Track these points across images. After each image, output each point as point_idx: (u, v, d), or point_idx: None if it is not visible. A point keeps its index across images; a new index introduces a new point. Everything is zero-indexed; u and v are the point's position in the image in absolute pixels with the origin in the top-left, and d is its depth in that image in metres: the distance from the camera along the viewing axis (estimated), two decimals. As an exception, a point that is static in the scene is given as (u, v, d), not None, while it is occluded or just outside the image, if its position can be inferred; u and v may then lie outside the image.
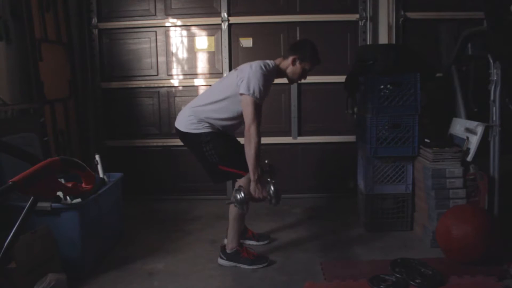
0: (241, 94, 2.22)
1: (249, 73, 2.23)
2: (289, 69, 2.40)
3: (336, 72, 3.43)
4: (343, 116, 3.25)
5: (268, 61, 2.34)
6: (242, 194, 2.13)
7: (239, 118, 2.33)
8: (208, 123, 2.32)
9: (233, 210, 2.34)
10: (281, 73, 2.41)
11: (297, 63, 2.37)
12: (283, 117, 3.64)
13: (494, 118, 2.45)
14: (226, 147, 2.34)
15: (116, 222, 2.72)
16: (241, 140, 2.46)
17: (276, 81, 2.45)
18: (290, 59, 2.37)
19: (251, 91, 2.19)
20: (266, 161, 2.45)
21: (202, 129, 2.32)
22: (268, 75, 2.27)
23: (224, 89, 2.33)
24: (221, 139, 2.34)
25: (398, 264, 2.16)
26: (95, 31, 3.63)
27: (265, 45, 3.60)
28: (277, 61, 2.41)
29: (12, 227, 1.07)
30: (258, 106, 2.24)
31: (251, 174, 2.20)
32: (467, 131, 2.61)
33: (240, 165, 2.30)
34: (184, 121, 2.35)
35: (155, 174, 3.71)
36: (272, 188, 2.19)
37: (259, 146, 2.20)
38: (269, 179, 2.26)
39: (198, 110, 2.33)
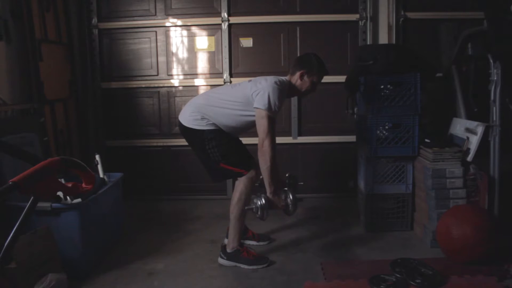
0: (256, 108, 2.23)
1: (264, 87, 2.24)
2: (298, 84, 2.41)
3: (336, 72, 3.42)
4: (343, 116, 3.26)
5: (282, 77, 2.38)
6: (263, 201, 2.21)
7: (243, 126, 2.37)
8: (211, 121, 2.33)
9: (234, 210, 2.34)
10: (292, 89, 2.42)
11: (305, 77, 2.39)
12: (283, 117, 3.63)
13: (494, 118, 2.45)
14: (229, 145, 2.34)
15: (116, 222, 2.72)
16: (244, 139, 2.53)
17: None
18: (298, 74, 2.39)
19: (266, 106, 2.20)
20: (287, 174, 2.57)
21: (205, 126, 2.32)
22: (283, 90, 2.29)
23: (235, 96, 2.32)
24: (224, 137, 2.34)
25: (398, 264, 2.16)
26: (95, 31, 3.63)
27: (265, 45, 3.60)
28: (287, 77, 2.43)
29: (12, 227, 1.07)
30: (272, 120, 2.23)
31: (267, 187, 2.24)
32: (467, 131, 2.61)
33: (242, 163, 2.31)
34: (188, 116, 2.35)
35: (155, 174, 3.71)
36: (290, 197, 2.27)
37: (274, 160, 2.23)
38: (286, 189, 2.34)
39: (203, 108, 2.33)
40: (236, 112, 2.31)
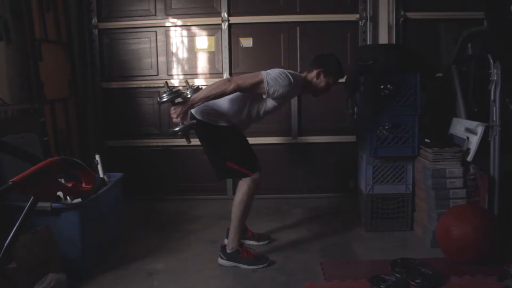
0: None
1: (278, 69, 2.25)
2: (314, 81, 2.41)
3: (336, 72, 3.44)
4: (343, 116, 3.25)
5: (298, 73, 2.38)
6: (179, 97, 2.18)
7: (252, 117, 2.37)
8: (225, 116, 2.33)
9: (236, 210, 2.34)
10: (307, 85, 2.42)
11: (322, 77, 2.39)
12: (283, 117, 3.63)
13: (494, 118, 2.45)
14: (238, 145, 2.35)
15: (116, 222, 2.72)
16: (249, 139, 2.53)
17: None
18: (315, 72, 2.39)
19: (269, 75, 2.19)
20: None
21: (218, 122, 2.33)
22: (295, 83, 2.25)
23: None
24: (235, 136, 2.36)
25: (398, 264, 2.16)
26: (95, 31, 3.63)
27: (265, 45, 3.60)
28: (303, 74, 2.43)
29: (12, 227, 1.07)
30: (257, 85, 2.20)
31: (196, 97, 2.17)
32: (467, 131, 2.61)
33: (249, 165, 2.32)
34: (202, 110, 2.34)
35: (155, 174, 3.71)
36: (183, 125, 2.16)
37: (215, 97, 2.18)
38: (194, 121, 2.27)
39: (216, 102, 2.30)
40: (245, 103, 2.31)
